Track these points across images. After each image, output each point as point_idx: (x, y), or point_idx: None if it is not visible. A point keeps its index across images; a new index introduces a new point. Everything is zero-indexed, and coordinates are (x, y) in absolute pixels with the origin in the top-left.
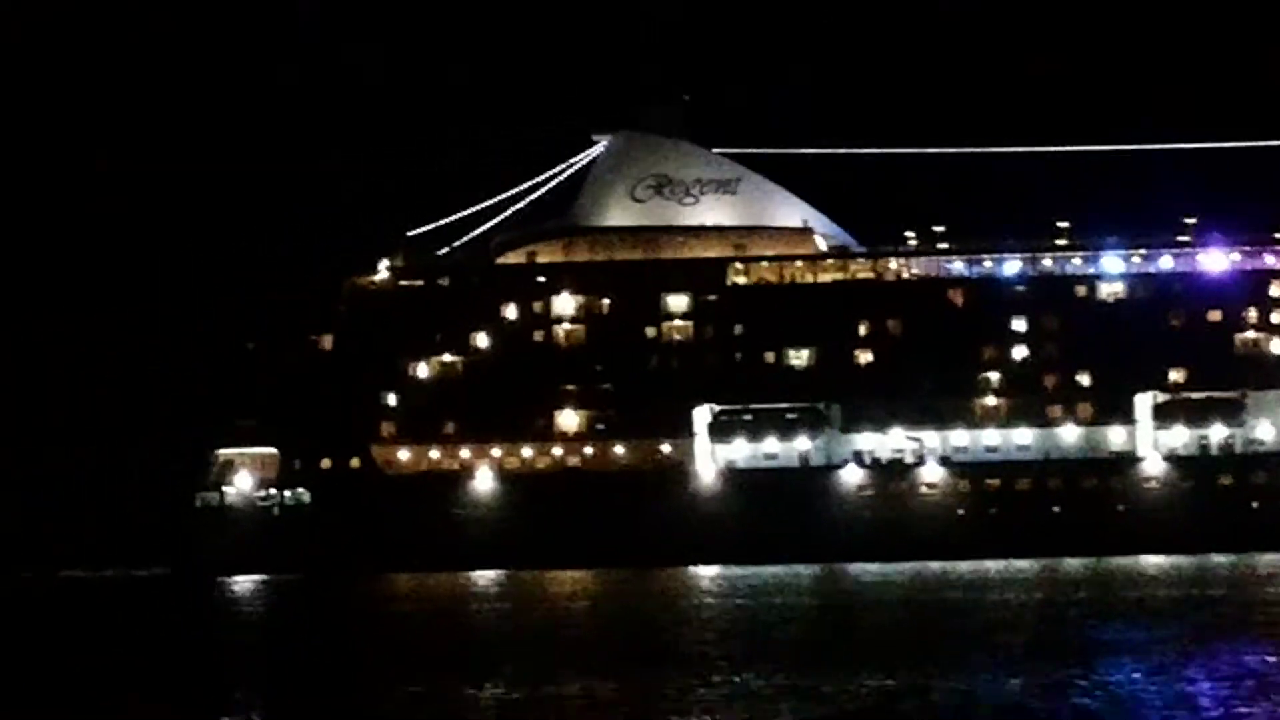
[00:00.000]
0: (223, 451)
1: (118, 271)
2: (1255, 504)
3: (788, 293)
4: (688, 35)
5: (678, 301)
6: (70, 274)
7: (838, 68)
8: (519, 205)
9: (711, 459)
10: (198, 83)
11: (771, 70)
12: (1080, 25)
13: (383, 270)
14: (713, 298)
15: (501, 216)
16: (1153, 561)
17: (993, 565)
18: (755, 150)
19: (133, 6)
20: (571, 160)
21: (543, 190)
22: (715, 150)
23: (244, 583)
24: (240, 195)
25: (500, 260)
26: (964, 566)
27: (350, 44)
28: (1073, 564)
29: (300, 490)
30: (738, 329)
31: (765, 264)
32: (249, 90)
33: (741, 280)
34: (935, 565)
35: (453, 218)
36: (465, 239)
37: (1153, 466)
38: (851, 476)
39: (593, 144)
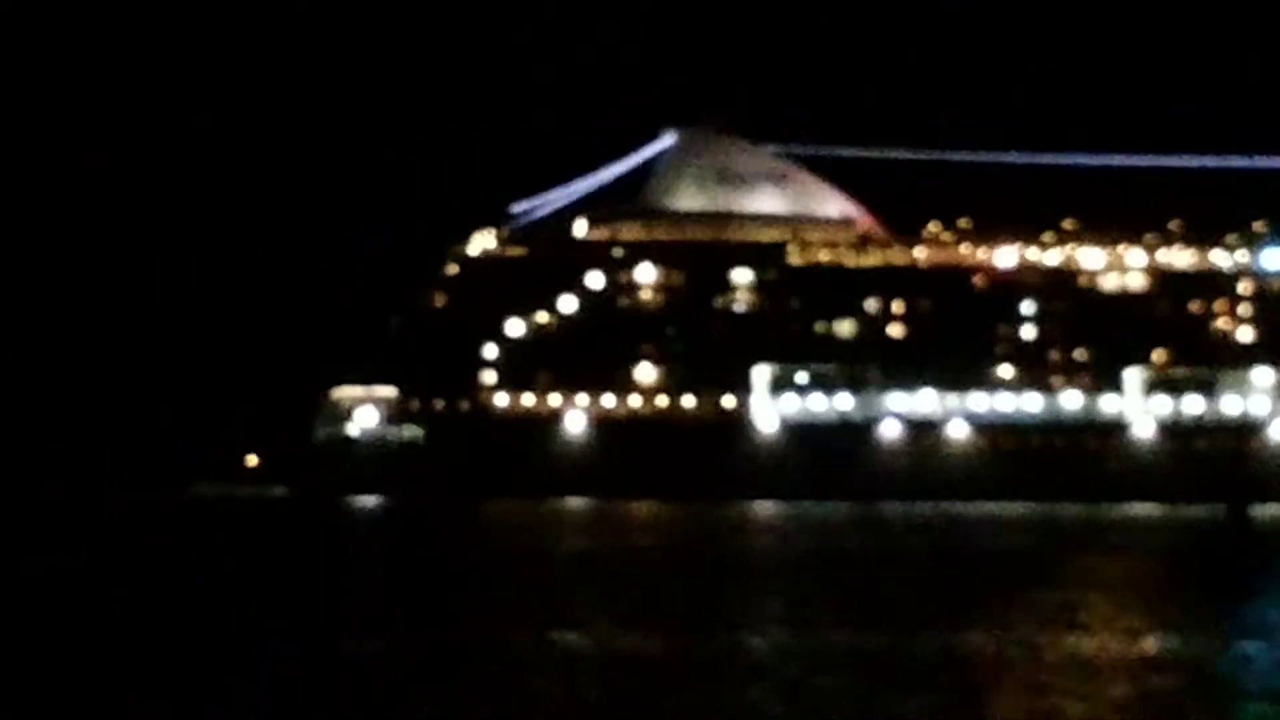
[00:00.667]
0: (345, 391)
1: (260, 229)
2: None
3: (836, 273)
4: (748, 41)
5: (742, 276)
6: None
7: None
8: (597, 188)
9: (768, 412)
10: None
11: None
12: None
13: (486, 239)
14: (773, 274)
15: (579, 196)
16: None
17: (1006, 507)
18: (801, 149)
19: None
20: (641, 150)
21: (616, 175)
22: (768, 147)
23: (366, 503)
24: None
25: (585, 235)
26: (985, 507)
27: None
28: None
29: (413, 426)
30: (793, 302)
31: (818, 247)
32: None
33: (797, 261)
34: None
35: (543, 196)
36: (547, 214)
37: (1141, 431)
38: (889, 430)
39: (661, 137)
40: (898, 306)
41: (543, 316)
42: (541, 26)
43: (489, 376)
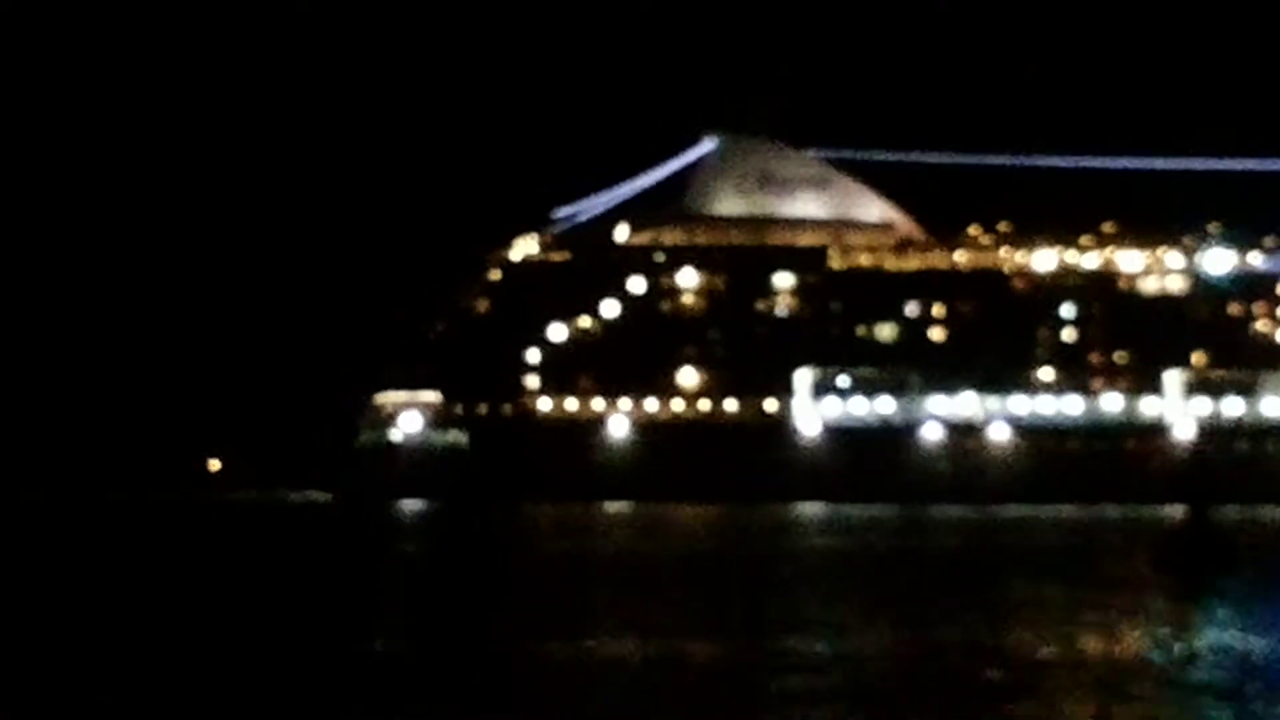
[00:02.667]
0: (388, 396)
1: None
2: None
3: (877, 276)
4: (788, 46)
5: (784, 280)
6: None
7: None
8: (638, 193)
9: (810, 415)
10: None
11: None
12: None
13: (529, 244)
14: (814, 278)
15: (621, 201)
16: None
17: (1047, 509)
18: (840, 154)
19: None
20: (682, 155)
21: (658, 180)
22: (808, 152)
23: (411, 506)
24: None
25: (627, 239)
26: (1026, 510)
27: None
28: (1113, 511)
29: (457, 431)
30: (834, 305)
31: (859, 251)
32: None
33: (838, 264)
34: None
35: (585, 201)
36: (589, 219)
37: (1181, 432)
38: (931, 433)
39: (702, 143)
40: (938, 310)
41: (585, 321)
42: (584, 32)
43: (532, 381)
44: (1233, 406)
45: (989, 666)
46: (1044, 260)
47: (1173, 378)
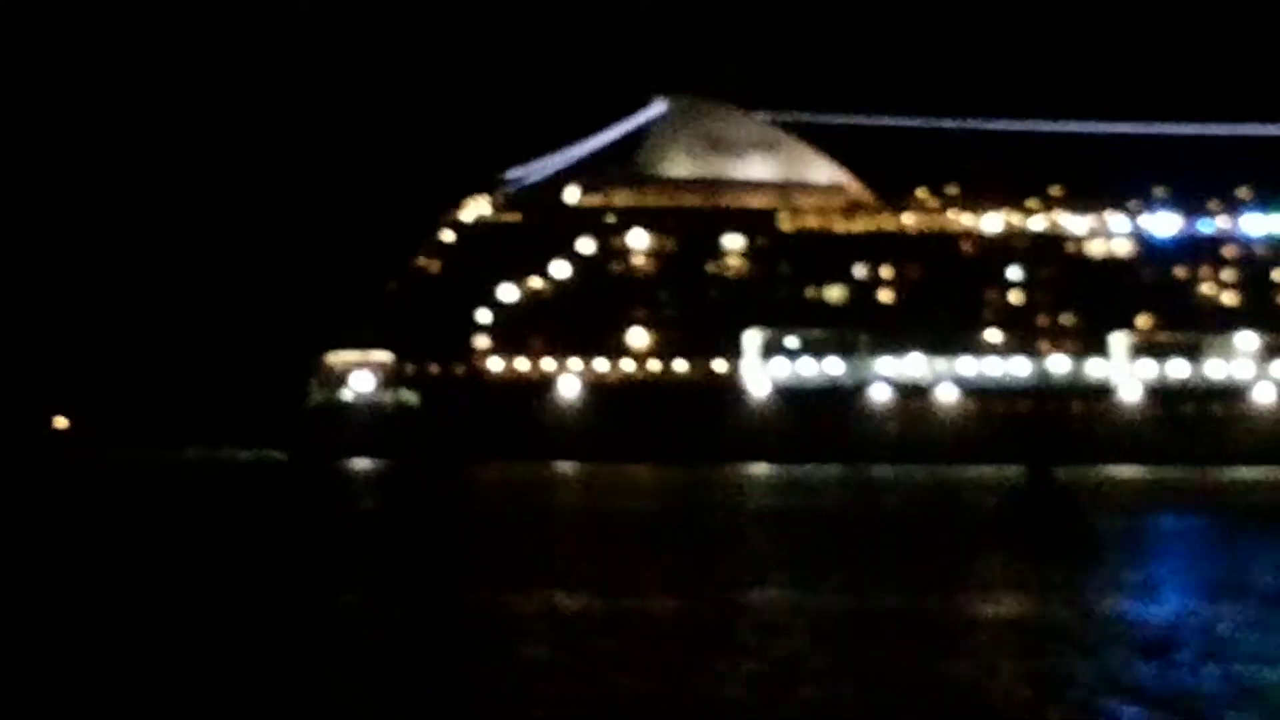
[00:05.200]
0: (340, 356)
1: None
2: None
3: (825, 238)
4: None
5: (733, 242)
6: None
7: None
8: (589, 154)
9: (759, 376)
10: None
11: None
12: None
13: (480, 205)
14: (764, 240)
15: (572, 163)
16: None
17: (994, 470)
18: (790, 116)
19: None
20: (633, 117)
21: (608, 142)
22: (758, 115)
23: (362, 465)
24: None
25: (578, 201)
26: (973, 470)
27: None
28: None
29: (408, 390)
30: (783, 267)
31: (808, 213)
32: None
33: (787, 227)
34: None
35: (536, 163)
36: (540, 181)
37: (1128, 395)
38: (879, 394)
39: (653, 105)
40: (886, 272)
41: (536, 282)
42: None
43: (483, 341)
44: (1178, 369)
45: (923, 626)
46: (991, 223)
47: (1119, 340)
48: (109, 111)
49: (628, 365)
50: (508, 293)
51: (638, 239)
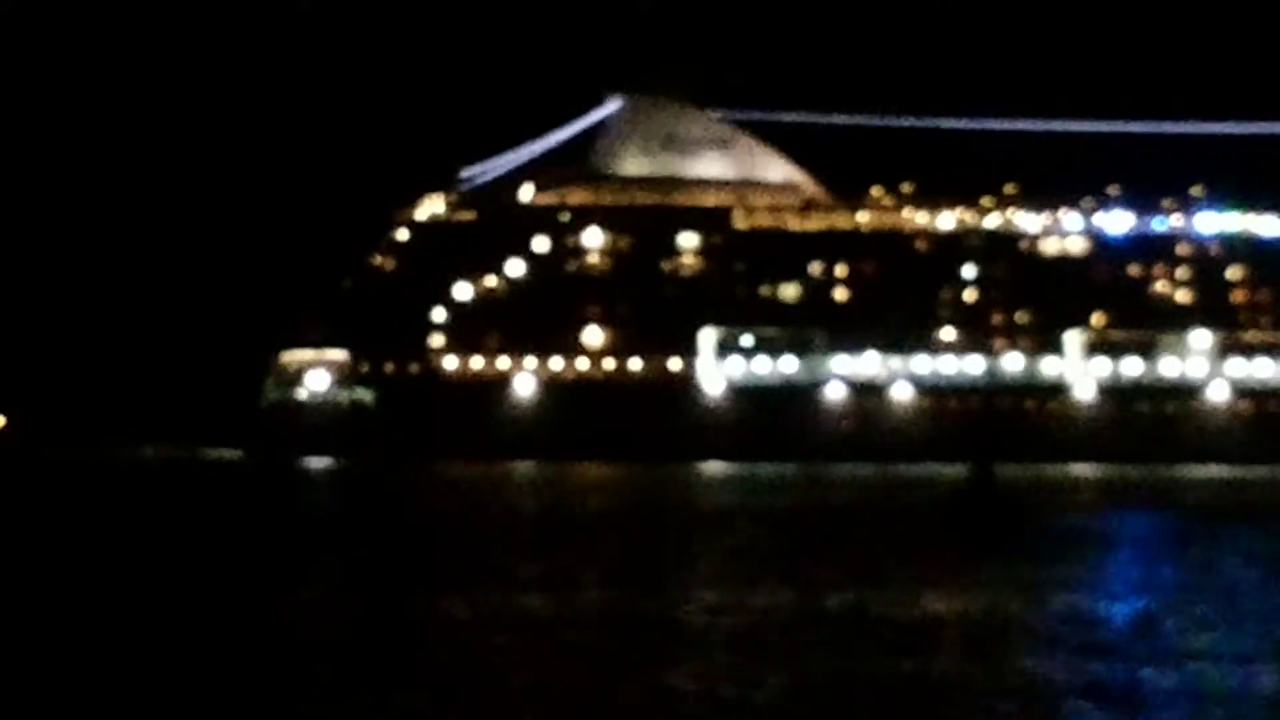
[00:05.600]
0: (295, 354)
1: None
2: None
3: (780, 237)
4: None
5: (688, 240)
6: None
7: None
8: (543, 152)
9: (714, 374)
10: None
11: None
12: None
13: (435, 204)
14: (719, 238)
15: (526, 161)
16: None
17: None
18: (745, 115)
19: None
20: (587, 115)
21: (563, 140)
22: (712, 113)
23: (317, 464)
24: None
25: (532, 199)
26: (928, 468)
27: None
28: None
29: (364, 389)
30: (738, 265)
31: (763, 211)
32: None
33: (742, 225)
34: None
35: (491, 161)
36: (494, 179)
37: (1082, 392)
38: (834, 393)
39: (607, 103)
40: (841, 270)
41: (491, 280)
42: None
43: (438, 340)
44: (1132, 367)
45: (875, 623)
46: (946, 221)
47: (1073, 338)
48: (55, 115)
49: (583, 364)
50: (463, 291)
51: (592, 237)
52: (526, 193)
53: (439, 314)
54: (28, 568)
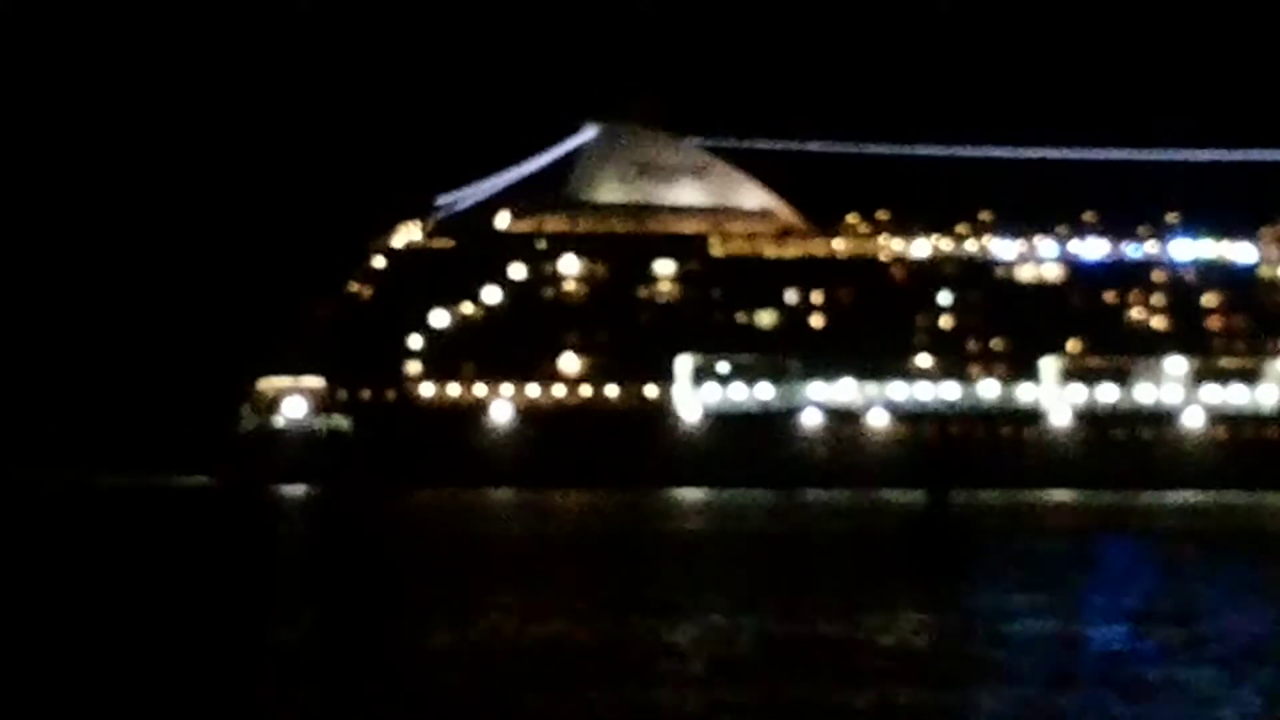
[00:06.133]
0: (271, 381)
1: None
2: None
3: (756, 264)
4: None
5: (664, 267)
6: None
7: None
8: (520, 180)
9: (690, 401)
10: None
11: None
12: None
13: (411, 231)
14: (695, 265)
15: (503, 189)
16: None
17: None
18: (720, 142)
19: None
20: (564, 143)
21: (539, 168)
22: (688, 140)
23: (294, 491)
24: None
25: (508, 227)
26: (905, 495)
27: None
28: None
29: (340, 416)
30: (714, 292)
31: (739, 239)
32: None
33: (718, 252)
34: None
35: (467, 189)
36: (471, 207)
37: (1058, 419)
38: (810, 419)
39: (583, 130)
40: (817, 297)
41: (467, 307)
42: (465, 19)
43: (414, 367)
44: (1107, 393)
45: (833, 652)
46: (921, 248)
47: (1048, 364)
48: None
49: (559, 391)
50: (439, 318)
51: (569, 264)
52: (503, 220)
53: (415, 341)
54: None
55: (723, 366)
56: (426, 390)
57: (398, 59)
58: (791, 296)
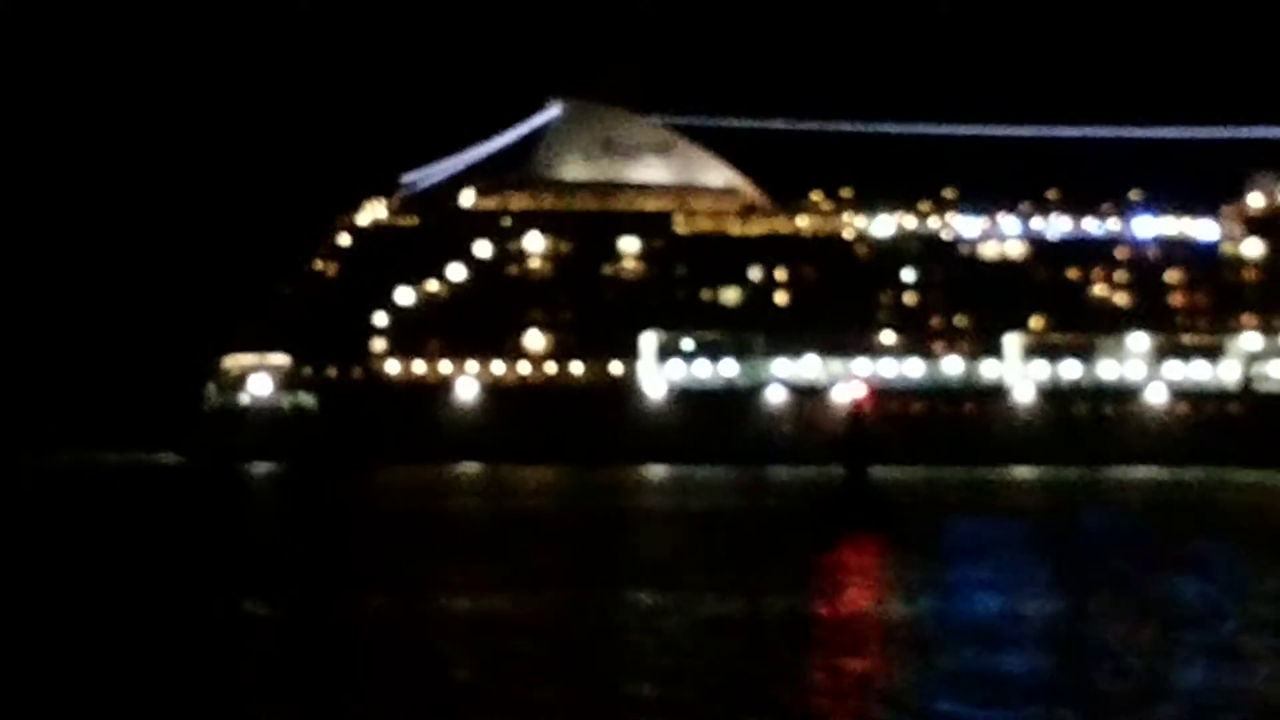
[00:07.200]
0: (237, 358)
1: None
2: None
3: (721, 241)
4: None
5: (629, 245)
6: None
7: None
8: (485, 158)
9: (655, 377)
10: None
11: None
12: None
13: (376, 209)
14: (659, 242)
15: (468, 166)
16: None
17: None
18: (685, 120)
19: None
20: (528, 120)
21: (504, 146)
22: (652, 118)
23: (260, 468)
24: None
25: (473, 204)
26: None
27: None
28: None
29: (306, 393)
30: (679, 270)
31: (704, 216)
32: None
33: (683, 229)
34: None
35: (432, 166)
36: (436, 184)
37: (1021, 395)
38: (774, 396)
39: (548, 108)
40: (781, 274)
41: (433, 285)
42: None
43: (380, 344)
44: (1071, 370)
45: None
46: (885, 225)
47: (1012, 341)
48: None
49: (525, 367)
50: (404, 296)
51: (534, 242)
52: (468, 198)
53: (381, 318)
54: None
55: (687, 343)
56: (392, 367)
57: (363, 38)
58: (755, 274)
